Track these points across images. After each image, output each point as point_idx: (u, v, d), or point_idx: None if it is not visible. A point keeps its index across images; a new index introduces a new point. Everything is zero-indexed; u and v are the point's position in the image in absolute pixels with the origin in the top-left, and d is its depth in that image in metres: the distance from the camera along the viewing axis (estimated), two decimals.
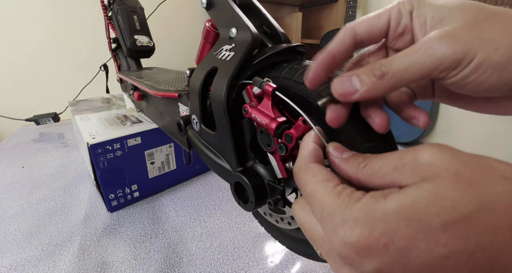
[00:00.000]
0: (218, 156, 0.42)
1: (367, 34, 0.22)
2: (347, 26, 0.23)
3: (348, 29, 0.22)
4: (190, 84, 0.43)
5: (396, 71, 0.19)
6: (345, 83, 0.21)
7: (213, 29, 0.49)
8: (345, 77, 0.21)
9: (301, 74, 0.30)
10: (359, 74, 0.20)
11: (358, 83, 0.20)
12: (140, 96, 0.79)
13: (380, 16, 0.22)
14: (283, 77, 0.32)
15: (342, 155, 0.21)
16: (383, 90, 0.19)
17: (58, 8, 1.53)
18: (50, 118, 1.41)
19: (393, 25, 0.21)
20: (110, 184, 0.80)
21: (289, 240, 0.41)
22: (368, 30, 0.22)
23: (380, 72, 0.19)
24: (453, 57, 0.17)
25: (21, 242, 0.72)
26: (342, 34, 0.22)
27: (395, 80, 0.19)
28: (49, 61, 1.58)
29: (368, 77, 0.20)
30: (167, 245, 0.71)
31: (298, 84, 0.30)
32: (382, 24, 0.22)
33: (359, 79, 0.20)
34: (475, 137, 1.25)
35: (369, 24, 0.22)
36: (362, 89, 0.20)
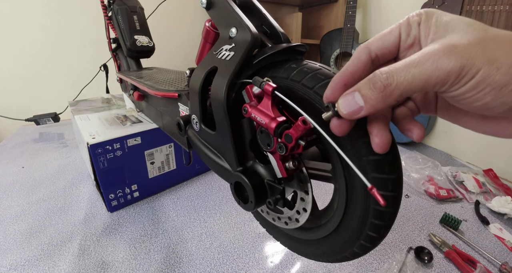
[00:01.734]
0: (218, 156, 0.42)
1: (381, 49, 0.23)
2: (361, 45, 0.23)
3: (362, 47, 0.23)
4: (190, 84, 0.43)
5: (402, 81, 0.19)
6: (350, 102, 0.21)
7: (213, 29, 0.49)
8: (349, 95, 0.21)
9: (300, 74, 0.30)
10: (360, 89, 0.20)
11: (361, 100, 0.20)
12: (140, 96, 0.79)
13: (392, 30, 0.23)
14: (282, 76, 0.32)
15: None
16: (388, 102, 0.20)
17: (58, 8, 1.53)
18: (50, 118, 1.41)
19: (403, 37, 0.22)
20: (110, 184, 0.80)
21: (289, 240, 0.41)
22: (382, 45, 0.23)
23: (381, 84, 0.19)
24: (458, 71, 0.17)
25: (21, 242, 0.72)
26: (358, 52, 0.23)
27: (399, 91, 0.19)
28: (49, 61, 1.58)
29: (369, 91, 0.20)
30: (167, 245, 0.71)
31: (298, 83, 0.30)
32: (394, 38, 0.22)
33: (361, 95, 0.20)
34: (473, 136, 1.25)
35: (382, 40, 0.23)
36: (366, 105, 0.20)
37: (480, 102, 0.18)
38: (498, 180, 1.08)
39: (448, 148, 1.39)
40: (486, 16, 1.09)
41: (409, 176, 1.07)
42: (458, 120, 0.24)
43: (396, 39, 0.22)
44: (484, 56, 0.17)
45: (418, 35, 0.21)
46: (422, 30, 0.21)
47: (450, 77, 0.18)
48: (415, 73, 0.18)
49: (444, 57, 0.18)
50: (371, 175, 0.25)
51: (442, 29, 0.20)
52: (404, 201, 0.94)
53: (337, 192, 0.30)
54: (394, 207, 0.26)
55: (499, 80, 0.17)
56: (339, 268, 0.65)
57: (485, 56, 0.17)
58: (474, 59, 0.17)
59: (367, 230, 0.27)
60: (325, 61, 1.73)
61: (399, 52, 0.23)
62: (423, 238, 0.76)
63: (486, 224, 0.83)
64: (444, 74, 0.18)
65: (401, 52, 0.23)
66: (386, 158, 0.25)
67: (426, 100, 0.26)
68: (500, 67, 0.17)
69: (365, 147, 0.25)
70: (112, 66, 1.24)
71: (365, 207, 0.27)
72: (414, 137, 0.23)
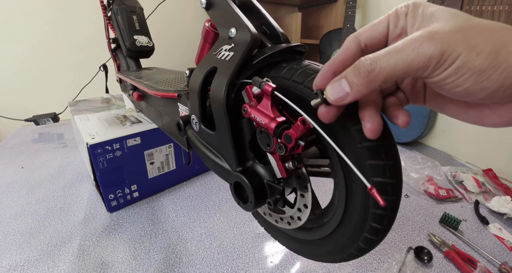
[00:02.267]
0: (217, 156, 0.42)
1: (370, 39, 0.23)
2: (351, 35, 0.24)
3: (352, 37, 0.24)
4: (190, 84, 0.43)
5: (384, 67, 0.19)
6: (337, 89, 0.22)
7: (212, 29, 0.49)
8: (336, 82, 0.22)
9: (301, 74, 0.30)
10: (346, 76, 0.21)
11: (347, 86, 0.21)
12: (139, 96, 0.79)
13: (381, 21, 0.23)
14: (282, 77, 0.32)
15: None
16: (373, 87, 0.20)
17: (57, 8, 1.53)
18: (49, 118, 1.41)
19: (391, 28, 0.23)
20: (110, 184, 0.80)
21: (290, 240, 0.41)
22: (371, 35, 0.23)
23: (365, 70, 0.20)
24: (439, 56, 0.18)
25: (20, 242, 0.72)
26: (347, 42, 0.24)
27: (383, 76, 0.20)
28: (49, 61, 1.58)
29: (355, 77, 0.21)
30: (167, 245, 0.71)
31: (298, 84, 0.30)
32: (382, 28, 0.23)
33: (347, 81, 0.21)
34: (473, 136, 1.25)
35: (371, 30, 0.23)
36: (352, 91, 0.21)
37: (461, 87, 0.19)
38: (498, 180, 1.08)
39: (447, 148, 1.39)
40: (486, 16, 1.09)
41: (409, 176, 1.07)
42: (444, 110, 0.25)
43: (384, 29, 0.23)
44: (465, 42, 0.18)
45: (405, 25, 0.22)
46: (409, 20, 0.22)
47: (431, 62, 0.18)
48: (397, 58, 0.19)
49: (425, 42, 0.18)
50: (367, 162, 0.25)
51: (427, 18, 0.20)
52: (403, 201, 0.94)
53: (337, 186, 0.30)
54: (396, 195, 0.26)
55: (478, 65, 0.17)
56: (339, 268, 0.65)
57: (465, 42, 0.18)
58: (454, 45, 0.18)
59: (370, 221, 0.27)
60: (325, 61, 1.73)
61: (387, 42, 0.24)
62: (422, 238, 0.76)
63: (486, 224, 0.83)
64: (425, 59, 0.18)
65: (389, 42, 0.23)
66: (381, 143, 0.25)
67: (414, 89, 0.27)
68: (480, 53, 0.17)
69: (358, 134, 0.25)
70: (112, 66, 1.24)
71: (366, 199, 0.27)
72: (400, 123, 0.24)
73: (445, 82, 0.19)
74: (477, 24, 0.18)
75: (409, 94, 0.27)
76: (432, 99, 0.26)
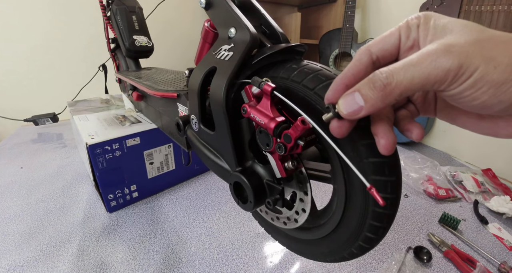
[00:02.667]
0: (217, 156, 0.42)
1: (382, 51, 0.23)
2: (362, 47, 0.24)
3: (363, 49, 0.23)
4: (189, 84, 0.43)
5: (401, 80, 0.19)
6: (350, 102, 0.21)
7: (212, 29, 0.49)
8: (349, 95, 0.21)
9: (300, 74, 0.30)
10: (360, 89, 0.21)
11: (361, 100, 0.20)
12: (139, 96, 0.79)
13: (392, 33, 0.23)
14: (281, 77, 0.32)
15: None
16: (388, 101, 0.20)
17: (57, 8, 1.53)
18: (48, 119, 1.41)
19: (403, 40, 0.22)
20: (109, 184, 0.80)
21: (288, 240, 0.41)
22: (382, 47, 0.23)
23: (381, 83, 0.20)
24: (457, 70, 0.18)
25: (19, 243, 0.71)
26: (359, 54, 0.23)
27: (400, 90, 0.19)
28: (48, 61, 1.58)
29: (370, 91, 0.20)
30: (166, 246, 0.71)
31: (297, 83, 0.30)
32: (394, 40, 0.23)
33: (361, 95, 0.20)
34: (472, 136, 1.25)
35: (382, 42, 0.23)
36: (366, 104, 0.20)
37: (478, 101, 0.18)
38: (497, 179, 1.08)
39: (447, 148, 1.39)
40: (485, 16, 1.09)
41: (408, 176, 1.07)
42: (456, 121, 0.24)
43: (396, 41, 0.23)
44: (482, 55, 0.17)
45: (417, 37, 0.22)
46: (421, 32, 0.21)
47: (449, 76, 0.18)
48: (414, 72, 0.19)
49: (442, 56, 0.18)
50: (370, 177, 0.25)
51: (440, 30, 0.20)
52: (403, 200, 0.94)
53: (336, 193, 0.30)
54: (393, 209, 0.26)
55: (496, 78, 0.17)
56: (338, 268, 0.65)
57: (482, 55, 0.17)
58: (471, 58, 0.17)
59: (366, 231, 0.27)
60: (324, 61, 1.73)
61: (399, 54, 0.23)
62: (422, 237, 0.76)
63: (485, 224, 0.84)
64: (443, 72, 0.18)
65: (401, 54, 0.23)
66: (387, 160, 0.25)
67: (425, 101, 0.26)
68: (498, 66, 0.17)
69: (366, 149, 0.25)
70: (111, 66, 1.24)
71: (364, 208, 0.27)
72: (414, 137, 0.24)
73: (462, 95, 0.19)
74: (492, 36, 0.18)
75: (420, 106, 0.27)
76: (443, 110, 0.25)
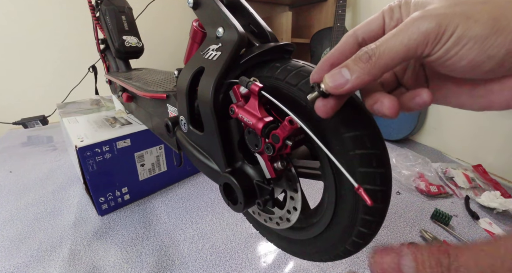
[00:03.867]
0: (206, 157, 0.41)
1: (367, 32, 0.24)
2: (348, 32, 0.24)
3: (349, 32, 0.24)
4: (177, 84, 0.42)
5: (383, 50, 0.19)
6: (336, 76, 0.21)
7: (200, 29, 0.48)
8: (336, 70, 0.22)
9: (283, 71, 0.30)
10: (347, 64, 0.21)
11: (348, 73, 0.21)
12: (128, 98, 0.78)
13: (376, 16, 0.24)
14: (269, 76, 0.31)
15: None
16: (374, 73, 0.20)
17: (46, 9, 1.50)
18: (38, 121, 1.38)
19: (387, 21, 0.23)
20: (100, 187, 0.79)
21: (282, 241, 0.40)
22: (367, 29, 0.24)
23: (367, 56, 0.20)
24: (436, 30, 0.18)
25: (9, 248, 0.70)
26: (345, 37, 0.24)
27: (384, 60, 0.19)
28: (37, 63, 1.55)
29: (355, 63, 0.20)
30: (159, 248, 0.70)
31: (280, 81, 0.30)
32: (378, 21, 0.23)
33: (348, 69, 0.21)
34: (463, 133, 1.27)
35: (367, 25, 0.24)
36: (352, 77, 0.20)
37: (466, 60, 0.18)
38: (487, 175, 1.09)
39: (438, 144, 1.40)
40: None
41: (400, 173, 1.08)
42: (450, 98, 0.24)
43: (380, 22, 0.23)
44: (460, 14, 0.17)
45: (400, 16, 0.22)
46: (403, 11, 0.22)
47: (429, 37, 0.18)
48: (395, 41, 0.19)
49: (419, 20, 0.18)
50: (358, 170, 0.25)
51: (420, 5, 0.21)
52: (395, 198, 0.95)
53: (327, 190, 0.30)
54: (384, 202, 0.26)
55: (480, 32, 0.17)
56: (332, 267, 0.65)
57: (460, 13, 0.17)
58: (449, 17, 0.18)
59: (359, 226, 0.27)
60: (316, 60, 1.73)
61: (384, 34, 0.23)
62: (414, 234, 0.77)
63: (476, 219, 0.84)
64: (422, 35, 0.18)
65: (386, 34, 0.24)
66: (374, 151, 0.25)
67: (417, 83, 0.26)
68: (478, 20, 0.17)
69: (351, 142, 0.25)
70: (101, 67, 1.22)
71: (355, 203, 0.27)
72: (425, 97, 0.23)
73: (448, 56, 0.19)
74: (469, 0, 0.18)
75: (411, 89, 0.26)
76: (436, 90, 0.25)
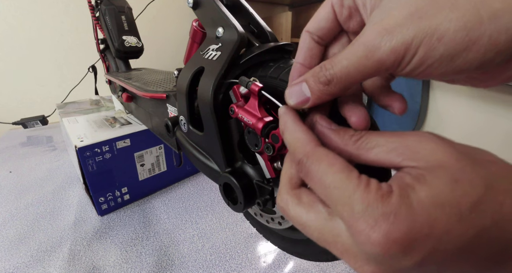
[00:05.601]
0: (206, 157, 0.41)
1: (320, 29, 0.22)
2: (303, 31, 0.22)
3: (303, 34, 0.22)
4: (177, 84, 0.42)
5: (340, 76, 0.18)
6: (297, 92, 0.21)
7: (200, 29, 0.48)
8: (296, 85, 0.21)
9: (276, 70, 0.30)
10: (307, 79, 0.20)
11: (308, 91, 0.20)
12: (128, 98, 0.78)
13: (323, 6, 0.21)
14: (270, 76, 0.31)
15: (331, 126, 0.20)
16: (333, 95, 0.19)
17: (45, 9, 1.50)
18: (38, 121, 1.39)
19: (338, 10, 0.21)
20: (100, 187, 0.79)
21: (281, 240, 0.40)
22: (318, 25, 0.21)
23: (325, 79, 0.19)
24: (393, 56, 0.16)
25: (9, 248, 0.70)
26: (301, 41, 0.22)
27: (341, 85, 0.18)
28: (37, 63, 1.55)
29: (315, 84, 0.19)
30: (159, 248, 0.70)
31: (274, 79, 0.30)
32: (327, 14, 0.21)
33: (308, 86, 0.20)
34: (462, 133, 1.27)
35: (316, 21, 0.22)
36: (313, 97, 0.20)
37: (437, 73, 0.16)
38: None
39: None
40: None
41: None
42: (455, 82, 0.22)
43: (330, 15, 0.21)
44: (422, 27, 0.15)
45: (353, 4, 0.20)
46: None
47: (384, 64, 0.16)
48: (349, 66, 0.17)
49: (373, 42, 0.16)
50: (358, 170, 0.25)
51: None
52: None
53: None
54: None
55: (445, 51, 0.15)
56: (332, 266, 0.65)
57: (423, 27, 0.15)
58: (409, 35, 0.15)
59: None
60: None
61: (342, 26, 0.22)
62: None
63: None
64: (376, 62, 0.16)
65: (343, 25, 0.22)
66: None
67: None
68: (443, 37, 0.15)
69: None
70: (101, 67, 1.22)
71: None
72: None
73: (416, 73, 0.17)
74: None
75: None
76: None
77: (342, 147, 0.19)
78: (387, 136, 0.17)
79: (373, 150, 0.17)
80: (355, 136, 0.19)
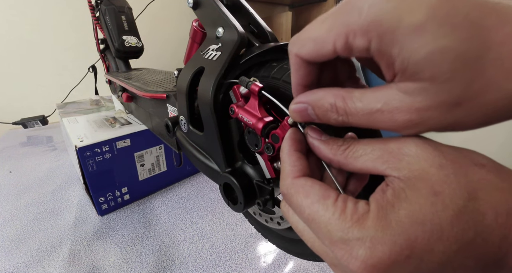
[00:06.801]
0: (206, 157, 0.41)
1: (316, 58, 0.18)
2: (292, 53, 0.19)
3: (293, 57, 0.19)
4: (177, 84, 0.42)
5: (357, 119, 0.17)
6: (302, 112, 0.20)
7: (200, 29, 0.48)
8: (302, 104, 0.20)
9: (279, 70, 0.30)
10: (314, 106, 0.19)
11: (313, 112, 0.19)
12: (128, 98, 0.78)
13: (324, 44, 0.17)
14: (273, 76, 0.31)
15: (321, 138, 0.21)
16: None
17: (45, 9, 1.50)
18: (38, 121, 1.39)
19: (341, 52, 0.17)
20: (100, 187, 0.79)
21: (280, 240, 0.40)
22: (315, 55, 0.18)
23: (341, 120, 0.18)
24: None
25: (9, 248, 0.70)
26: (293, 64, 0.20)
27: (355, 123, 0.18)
28: (37, 63, 1.55)
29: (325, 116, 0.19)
30: (159, 248, 0.70)
31: (286, 83, 0.30)
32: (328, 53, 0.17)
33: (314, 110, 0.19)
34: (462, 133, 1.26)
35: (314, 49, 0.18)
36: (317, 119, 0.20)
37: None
38: None
39: None
40: None
41: None
42: None
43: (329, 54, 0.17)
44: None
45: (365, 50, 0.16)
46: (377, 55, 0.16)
47: None
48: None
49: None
50: None
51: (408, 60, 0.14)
52: None
53: None
54: None
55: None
56: None
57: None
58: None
59: None
60: None
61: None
62: None
63: None
64: None
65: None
66: None
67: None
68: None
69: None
70: (101, 67, 1.22)
71: None
72: None
73: None
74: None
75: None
76: None
77: (332, 157, 0.19)
78: (373, 144, 0.18)
79: (360, 158, 0.18)
80: (343, 145, 0.19)
